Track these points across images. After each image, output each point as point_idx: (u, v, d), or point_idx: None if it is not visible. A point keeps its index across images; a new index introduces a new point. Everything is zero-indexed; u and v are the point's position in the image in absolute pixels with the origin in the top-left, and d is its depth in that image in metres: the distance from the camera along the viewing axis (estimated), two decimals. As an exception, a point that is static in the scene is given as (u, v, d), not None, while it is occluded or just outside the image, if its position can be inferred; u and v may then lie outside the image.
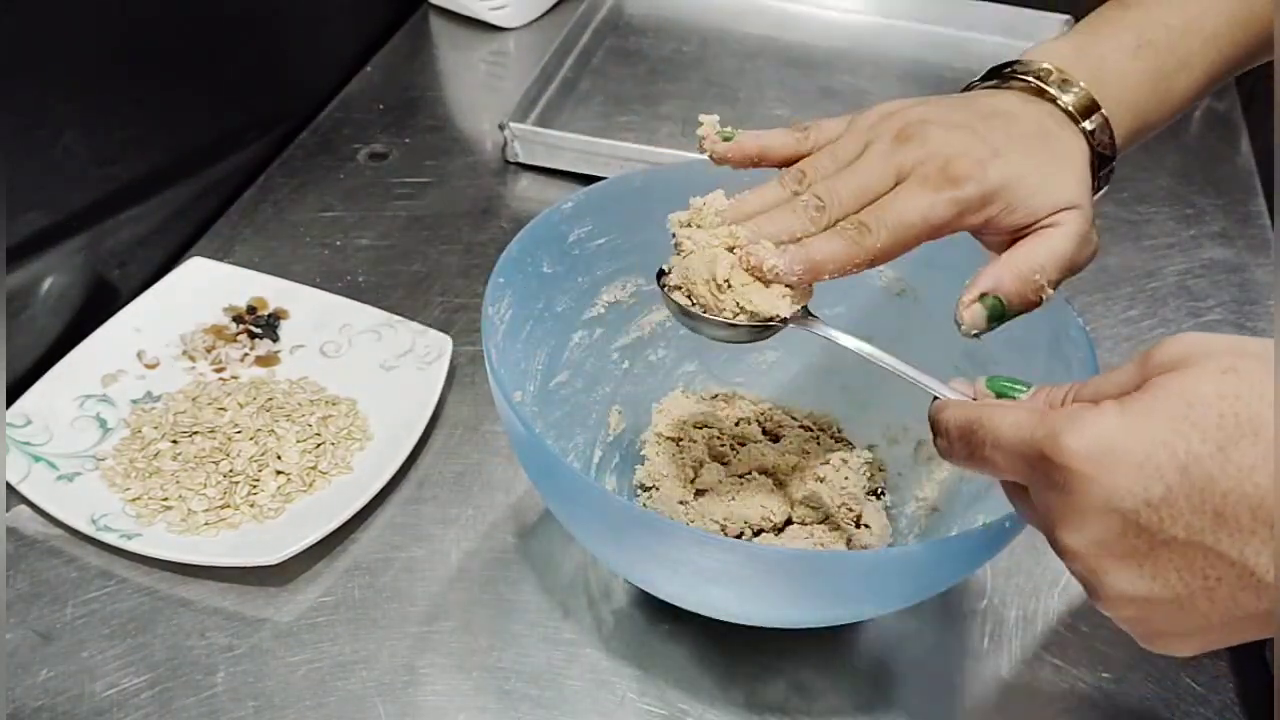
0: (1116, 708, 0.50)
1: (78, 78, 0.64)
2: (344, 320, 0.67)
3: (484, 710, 0.50)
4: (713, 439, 0.59)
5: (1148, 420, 0.30)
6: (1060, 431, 0.31)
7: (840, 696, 0.51)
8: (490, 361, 0.46)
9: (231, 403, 0.62)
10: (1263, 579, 0.29)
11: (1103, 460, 0.30)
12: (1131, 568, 0.31)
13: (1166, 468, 0.29)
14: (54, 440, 0.59)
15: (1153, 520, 0.29)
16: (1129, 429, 0.30)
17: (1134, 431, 0.30)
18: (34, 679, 0.50)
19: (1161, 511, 0.29)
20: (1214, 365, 0.30)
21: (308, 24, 0.88)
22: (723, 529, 0.54)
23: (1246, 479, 0.28)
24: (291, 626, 0.53)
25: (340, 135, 0.87)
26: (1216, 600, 0.30)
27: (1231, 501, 0.28)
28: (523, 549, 0.57)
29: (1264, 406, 0.28)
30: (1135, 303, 0.74)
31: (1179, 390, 0.30)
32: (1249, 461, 0.28)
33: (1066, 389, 0.34)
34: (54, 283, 0.65)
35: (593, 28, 0.98)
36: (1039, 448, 0.32)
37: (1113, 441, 0.30)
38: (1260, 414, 0.28)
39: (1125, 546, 0.30)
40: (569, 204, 0.53)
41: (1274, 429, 0.28)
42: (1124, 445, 0.30)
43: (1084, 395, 0.33)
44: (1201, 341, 0.31)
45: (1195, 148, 0.89)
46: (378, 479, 0.57)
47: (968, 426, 0.35)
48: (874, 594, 0.45)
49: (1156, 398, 0.30)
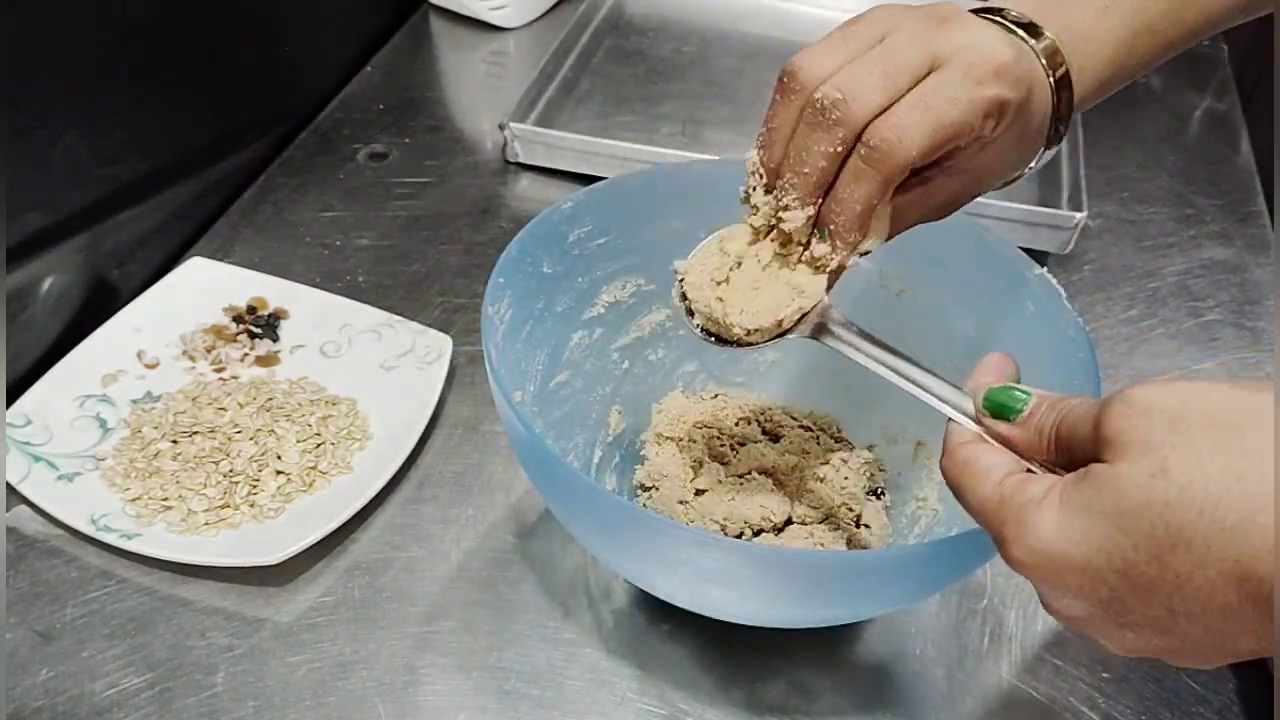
0: (1116, 708, 0.50)
1: (78, 78, 0.64)
2: (344, 320, 0.67)
3: (484, 710, 0.50)
4: (713, 439, 0.59)
5: (1083, 523, 0.30)
6: (1007, 538, 0.32)
7: (840, 696, 0.51)
8: (490, 361, 0.46)
9: (231, 403, 0.62)
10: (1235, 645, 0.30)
11: (1047, 568, 0.31)
12: (1113, 630, 0.32)
13: (1106, 573, 0.30)
14: (54, 440, 0.59)
15: (1109, 612, 0.31)
16: (1067, 534, 0.30)
17: (1071, 537, 0.30)
18: (34, 679, 0.50)
19: (1113, 606, 0.30)
20: (1144, 465, 0.29)
21: (308, 24, 0.88)
22: (723, 529, 0.54)
23: (1186, 584, 0.28)
24: (291, 626, 0.53)
25: (340, 135, 0.87)
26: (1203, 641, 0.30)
27: (1178, 600, 0.29)
28: (523, 549, 0.57)
29: (1193, 515, 0.28)
30: (1135, 303, 0.74)
31: (1110, 493, 0.29)
32: (1185, 569, 0.28)
33: (1053, 420, 0.34)
34: (54, 283, 0.65)
35: (593, 28, 0.98)
36: (995, 543, 0.33)
37: (1053, 549, 0.31)
38: (1190, 523, 0.28)
39: (1100, 620, 0.32)
40: (569, 204, 0.53)
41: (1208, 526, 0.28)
42: (1063, 553, 0.30)
43: (1062, 433, 0.33)
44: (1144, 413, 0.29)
45: (1195, 148, 0.89)
46: (378, 479, 0.57)
47: (952, 485, 0.36)
48: (874, 594, 0.45)
49: (1090, 500, 0.30)
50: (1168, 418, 0.29)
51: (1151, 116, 0.92)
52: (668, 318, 0.60)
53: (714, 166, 0.58)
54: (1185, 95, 0.95)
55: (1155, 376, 0.69)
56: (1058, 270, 0.75)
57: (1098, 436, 0.31)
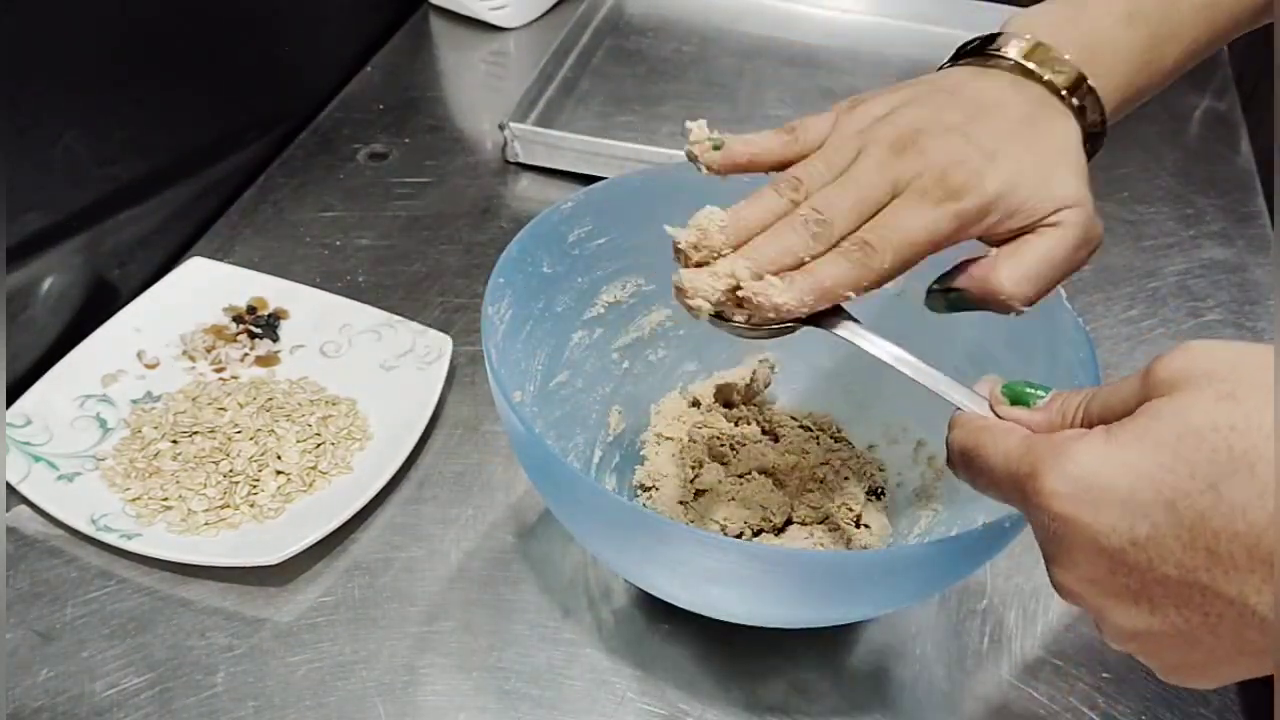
0: (1117, 708, 0.50)
1: (78, 78, 0.64)
2: (344, 320, 0.67)
3: (484, 710, 0.50)
4: (713, 439, 0.59)
5: (1134, 453, 0.28)
6: (1041, 471, 0.30)
7: (840, 696, 0.51)
8: (490, 361, 0.46)
9: (231, 403, 0.62)
10: (1265, 617, 0.27)
11: (1084, 499, 0.29)
12: (1128, 604, 0.30)
13: (1152, 505, 0.28)
14: (54, 440, 0.59)
15: (1141, 559, 0.28)
16: (1113, 463, 0.29)
17: (1118, 466, 0.28)
18: (34, 679, 0.50)
19: (1149, 550, 0.28)
20: (1211, 391, 0.28)
21: (308, 24, 0.88)
22: (723, 529, 0.54)
23: (1239, 517, 0.27)
24: (291, 626, 0.53)
25: (340, 135, 0.87)
26: (1221, 635, 0.28)
27: (1225, 539, 0.27)
28: (523, 549, 0.57)
29: (1261, 439, 0.26)
30: (1135, 303, 0.74)
31: (1170, 419, 0.28)
32: (1241, 499, 0.26)
33: (1080, 399, 0.33)
34: (54, 283, 0.65)
35: (593, 28, 0.98)
36: (1022, 486, 0.31)
37: (1094, 478, 0.29)
38: (1256, 446, 0.26)
39: (1117, 584, 0.29)
40: (569, 204, 0.53)
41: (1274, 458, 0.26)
42: (1106, 481, 0.29)
43: (1093, 409, 0.32)
44: (1205, 356, 0.29)
45: (1195, 148, 0.89)
46: (378, 479, 0.57)
47: (968, 452, 0.34)
48: (874, 594, 0.45)
49: (1146, 427, 0.28)
50: (1230, 357, 0.28)
51: (1151, 116, 0.92)
52: (668, 318, 0.60)
53: (714, 166, 0.57)
54: (1185, 95, 0.95)
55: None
56: (1058, 270, 0.75)
57: (1149, 383, 0.30)
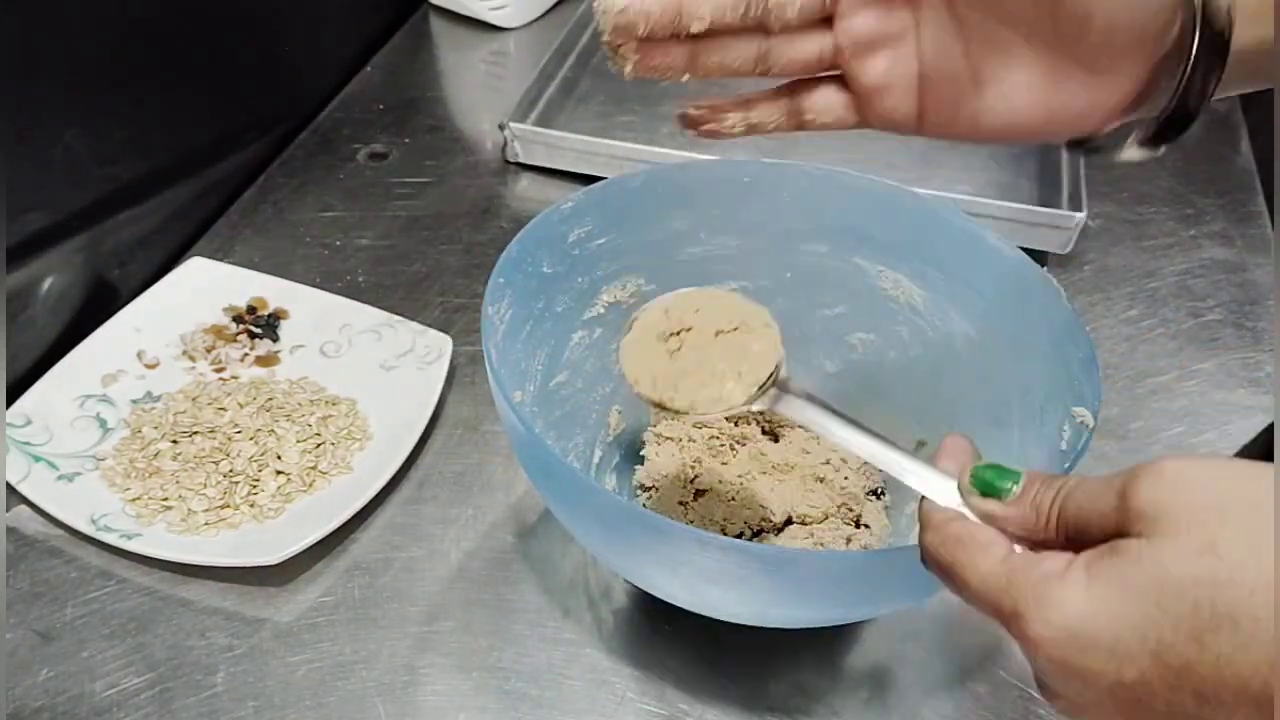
0: (1116, 708, 0.50)
1: (78, 78, 0.64)
2: (344, 320, 0.67)
3: (484, 710, 0.50)
4: (713, 439, 0.59)
5: (1116, 601, 0.28)
6: (1024, 614, 0.30)
7: (840, 696, 0.51)
8: (490, 361, 0.46)
9: (231, 403, 0.62)
10: None
11: (1070, 646, 0.29)
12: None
13: (1138, 654, 0.28)
14: (54, 440, 0.59)
15: (1130, 696, 0.28)
16: (1096, 611, 0.28)
17: (1100, 615, 0.28)
18: (34, 679, 0.50)
19: (1138, 690, 0.28)
20: (1191, 542, 0.27)
21: (308, 24, 0.88)
22: (723, 529, 0.54)
23: (1225, 667, 0.27)
24: (291, 626, 0.53)
25: (340, 135, 0.87)
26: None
27: (1211, 684, 0.27)
28: (523, 549, 0.57)
29: (1244, 594, 0.26)
30: (1135, 303, 0.74)
31: (1150, 567, 0.28)
32: (1227, 650, 0.26)
33: (1053, 495, 0.32)
34: (54, 283, 0.65)
35: (593, 28, 0.98)
36: (1006, 622, 0.31)
37: (1080, 628, 0.29)
38: (1239, 601, 0.26)
39: (1106, 711, 0.30)
40: (569, 204, 0.53)
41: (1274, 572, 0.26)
42: (1091, 631, 0.28)
43: (1069, 514, 0.31)
44: (1185, 486, 0.28)
45: (1195, 148, 0.89)
46: (378, 479, 0.57)
47: (943, 566, 0.34)
48: (874, 594, 0.45)
49: (1126, 575, 0.28)
50: (1210, 495, 0.28)
51: (1151, 116, 0.92)
52: (668, 318, 0.60)
53: (714, 166, 0.57)
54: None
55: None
56: (1058, 270, 0.75)
57: (1125, 508, 0.29)
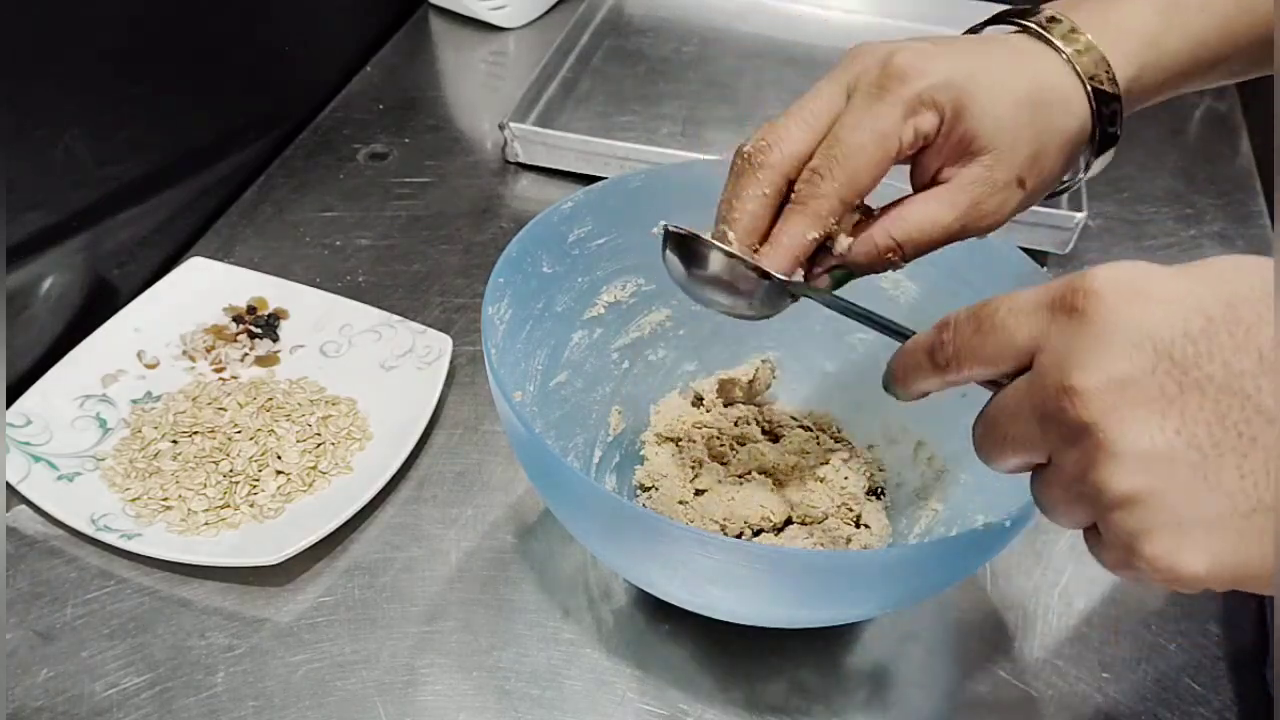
0: (1116, 708, 0.50)
1: (78, 78, 0.64)
2: (344, 320, 0.67)
3: (484, 710, 0.50)
4: (713, 439, 0.59)
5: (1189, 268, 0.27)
6: (1092, 272, 0.28)
7: (840, 696, 0.51)
8: (490, 361, 0.46)
9: (231, 403, 0.62)
10: None
11: (1137, 292, 0.27)
12: (1154, 415, 0.26)
13: (1209, 301, 0.26)
14: (54, 440, 0.59)
15: (1188, 354, 0.26)
16: (1169, 272, 0.27)
17: (1174, 274, 0.27)
18: (34, 679, 0.50)
19: (1200, 344, 0.26)
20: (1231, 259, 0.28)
21: (308, 24, 0.88)
22: (723, 529, 0.54)
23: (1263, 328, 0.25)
24: (291, 626, 0.53)
25: (340, 135, 0.87)
26: (1246, 470, 0.26)
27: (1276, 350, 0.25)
28: (523, 549, 0.57)
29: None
30: (1135, 303, 0.74)
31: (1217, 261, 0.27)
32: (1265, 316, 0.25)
33: None
34: (54, 283, 0.65)
35: (593, 28, 0.98)
36: (1067, 283, 0.29)
37: (1150, 277, 0.27)
38: None
39: (1151, 387, 0.26)
40: (569, 204, 0.53)
41: None
42: (1162, 282, 0.27)
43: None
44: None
45: (1195, 148, 0.89)
46: (378, 479, 0.57)
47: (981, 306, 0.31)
48: (874, 594, 0.45)
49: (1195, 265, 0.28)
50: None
51: (1151, 116, 0.91)
52: (668, 318, 0.60)
53: (714, 166, 0.57)
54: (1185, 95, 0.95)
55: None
56: (1058, 270, 0.75)
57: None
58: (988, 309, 0.31)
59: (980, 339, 0.31)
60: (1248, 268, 0.27)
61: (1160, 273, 0.28)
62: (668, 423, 0.59)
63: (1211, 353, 0.26)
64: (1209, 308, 0.26)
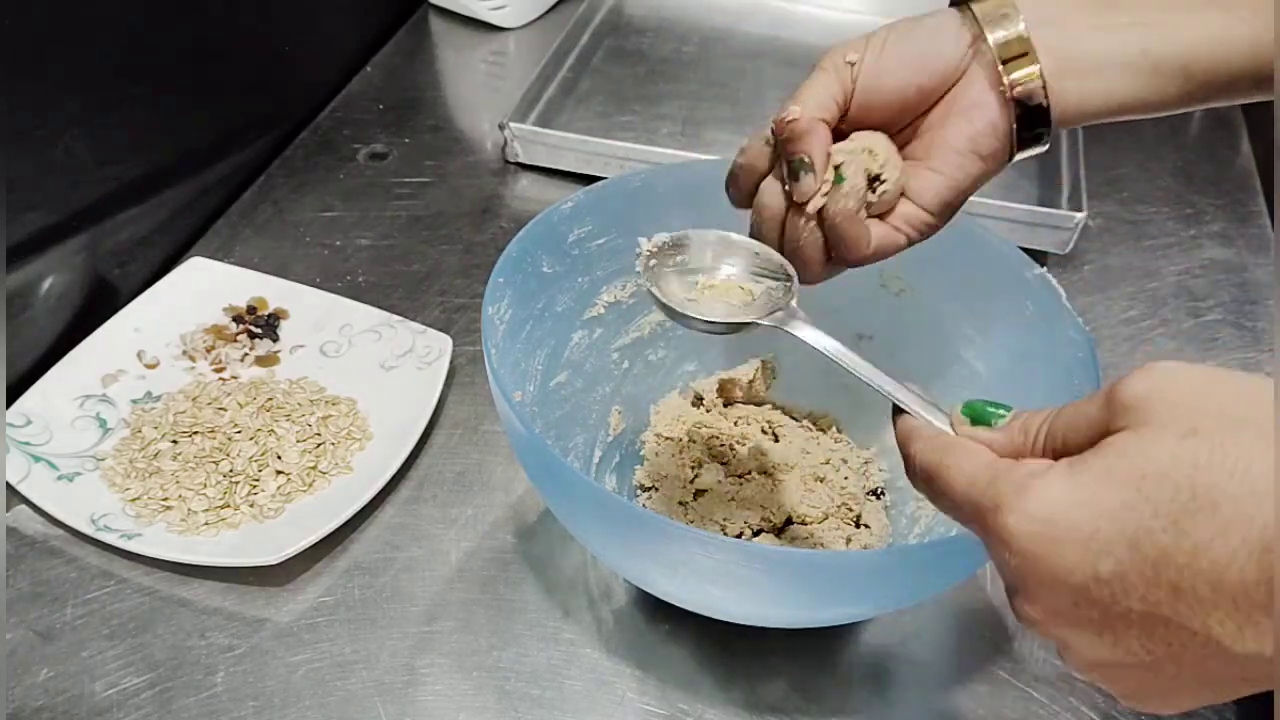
0: (1116, 708, 0.50)
1: (78, 78, 0.64)
2: (344, 320, 0.67)
3: (484, 710, 0.50)
4: (712, 439, 0.59)
5: (1096, 491, 0.28)
6: (1004, 506, 0.30)
7: (840, 696, 0.51)
8: (490, 361, 0.46)
9: (231, 403, 0.62)
10: (1230, 649, 0.27)
11: (1046, 537, 0.29)
12: (1091, 635, 0.29)
13: (1115, 542, 0.27)
14: (54, 440, 0.59)
15: (1104, 594, 0.28)
16: (1075, 501, 0.28)
17: (1080, 504, 0.28)
18: (34, 679, 0.50)
19: (1113, 585, 0.28)
20: (1175, 428, 0.27)
21: (308, 24, 0.88)
22: (723, 529, 0.54)
23: (1203, 554, 0.26)
24: (291, 626, 0.53)
25: (340, 135, 0.87)
26: (1184, 665, 0.28)
27: (1188, 576, 0.26)
28: (523, 549, 0.57)
29: (1223, 476, 0.26)
30: (1135, 303, 0.74)
31: (1134, 456, 0.28)
32: (1205, 536, 0.26)
33: (1041, 419, 0.32)
34: (54, 283, 0.65)
35: (593, 28, 0.98)
36: (984, 519, 0.31)
37: (1058, 517, 0.28)
38: (1219, 484, 0.26)
39: (1080, 617, 0.29)
40: (569, 204, 0.53)
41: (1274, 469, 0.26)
42: (1068, 520, 0.28)
43: (1056, 430, 0.32)
44: (1169, 382, 0.28)
45: (1195, 148, 0.89)
46: (378, 479, 0.57)
47: (929, 470, 0.34)
48: (874, 594, 0.45)
49: (1109, 466, 0.28)
50: (1193, 387, 0.28)
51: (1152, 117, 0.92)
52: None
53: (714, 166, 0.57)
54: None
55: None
56: (1058, 270, 0.75)
57: (1112, 406, 0.29)
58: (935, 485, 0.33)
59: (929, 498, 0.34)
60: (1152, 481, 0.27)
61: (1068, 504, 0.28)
62: (668, 423, 0.59)
63: (1127, 590, 0.28)
64: (1115, 549, 0.28)
